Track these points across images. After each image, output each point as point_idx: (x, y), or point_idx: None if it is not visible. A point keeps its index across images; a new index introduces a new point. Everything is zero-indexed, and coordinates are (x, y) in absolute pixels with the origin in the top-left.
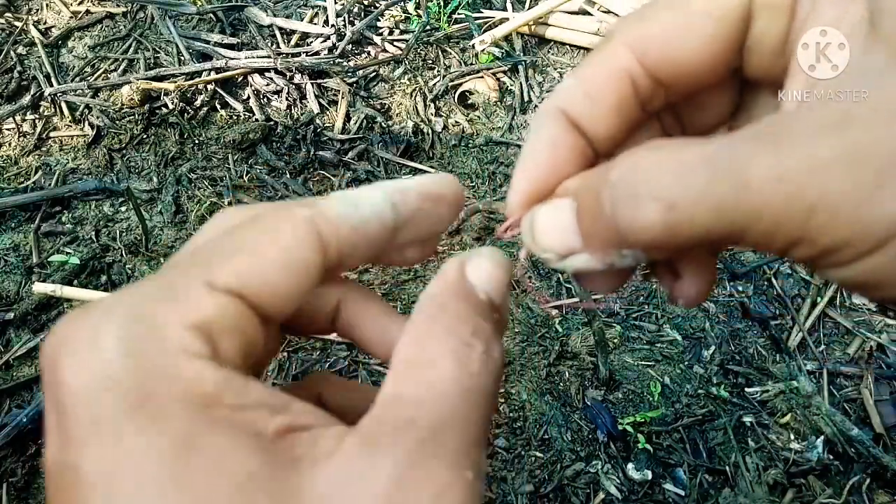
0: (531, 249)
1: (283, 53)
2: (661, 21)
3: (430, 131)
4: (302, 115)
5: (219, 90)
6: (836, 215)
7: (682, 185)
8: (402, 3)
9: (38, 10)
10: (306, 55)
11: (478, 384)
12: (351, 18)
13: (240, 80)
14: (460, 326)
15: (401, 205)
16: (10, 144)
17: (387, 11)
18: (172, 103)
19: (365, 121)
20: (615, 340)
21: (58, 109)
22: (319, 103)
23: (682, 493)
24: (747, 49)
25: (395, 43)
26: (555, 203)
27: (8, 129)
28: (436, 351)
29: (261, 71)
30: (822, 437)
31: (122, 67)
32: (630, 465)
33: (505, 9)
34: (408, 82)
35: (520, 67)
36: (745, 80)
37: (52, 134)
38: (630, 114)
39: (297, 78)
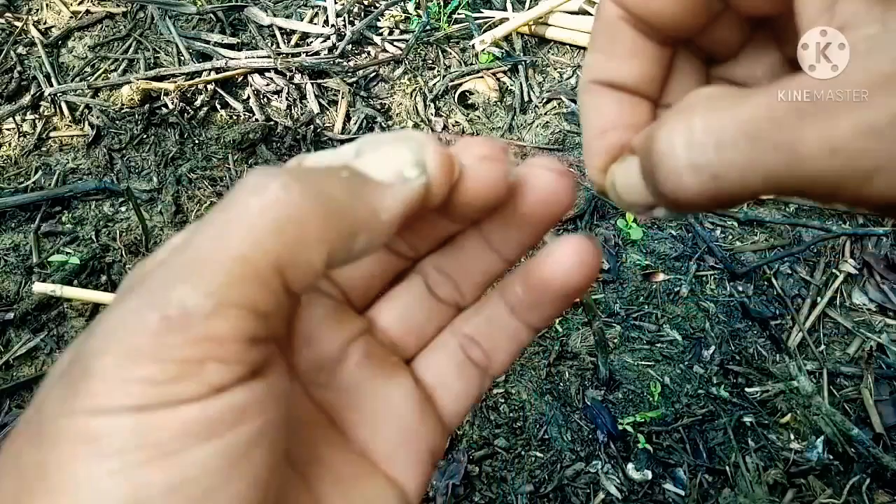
0: (620, 206)
1: (283, 53)
2: None
3: (429, 131)
4: (302, 115)
5: (219, 90)
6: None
7: (726, 160)
8: (402, 3)
9: (38, 10)
10: (306, 55)
11: None
12: (351, 18)
13: (240, 80)
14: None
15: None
16: (10, 144)
17: (387, 11)
18: (172, 103)
19: (365, 121)
20: (615, 340)
21: (58, 109)
22: (319, 103)
23: (682, 493)
24: None
25: (395, 43)
26: (626, 162)
27: (8, 129)
28: None
29: (261, 71)
30: (822, 437)
31: (122, 67)
32: (630, 465)
33: (505, 9)
34: (408, 82)
35: (520, 67)
36: None
37: (52, 134)
38: None
39: (297, 78)
